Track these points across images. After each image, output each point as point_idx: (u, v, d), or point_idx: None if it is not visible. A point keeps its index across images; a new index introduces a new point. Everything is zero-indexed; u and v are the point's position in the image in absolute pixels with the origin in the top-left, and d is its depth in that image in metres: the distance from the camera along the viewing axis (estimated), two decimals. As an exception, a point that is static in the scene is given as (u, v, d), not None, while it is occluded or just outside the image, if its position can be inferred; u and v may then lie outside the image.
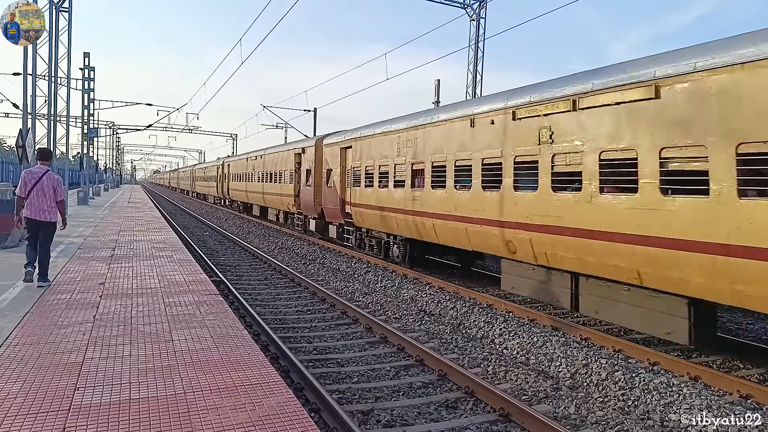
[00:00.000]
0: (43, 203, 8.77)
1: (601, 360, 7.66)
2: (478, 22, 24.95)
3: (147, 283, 9.37)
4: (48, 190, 8.80)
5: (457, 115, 12.45)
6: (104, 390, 4.67)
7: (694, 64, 7.13)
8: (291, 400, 4.62)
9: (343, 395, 6.68)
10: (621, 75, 8.29)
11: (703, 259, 6.90)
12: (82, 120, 37.61)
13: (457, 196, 12.19)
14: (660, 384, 6.82)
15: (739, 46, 6.72)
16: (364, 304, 11.71)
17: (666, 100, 7.49)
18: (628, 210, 7.94)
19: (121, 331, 6.45)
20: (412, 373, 7.68)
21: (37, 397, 4.50)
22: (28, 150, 16.60)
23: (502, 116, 10.75)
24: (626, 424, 5.98)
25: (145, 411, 4.27)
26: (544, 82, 10.43)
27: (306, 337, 9.28)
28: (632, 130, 7.95)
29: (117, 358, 5.51)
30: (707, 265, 6.87)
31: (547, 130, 9.46)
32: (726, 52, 6.82)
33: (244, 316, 10.09)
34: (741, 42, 6.75)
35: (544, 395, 6.86)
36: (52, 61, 21.09)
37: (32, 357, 5.47)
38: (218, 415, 4.23)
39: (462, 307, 10.89)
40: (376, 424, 5.93)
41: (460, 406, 6.51)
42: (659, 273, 7.57)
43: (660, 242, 7.43)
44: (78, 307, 7.52)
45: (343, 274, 15.36)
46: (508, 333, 9.23)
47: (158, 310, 7.47)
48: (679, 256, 7.19)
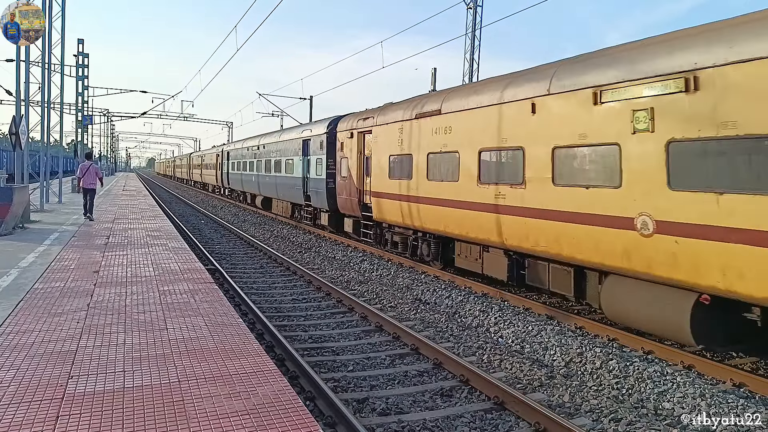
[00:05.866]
0: (90, 179, 17.17)
1: (596, 349, 7.69)
2: (474, 10, 24.80)
3: (141, 271, 9.33)
4: (92, 173, 17.22)
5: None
6: (98, 378, 4.65)
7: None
8: (286, 389, 4.61)
9: (339, 383, 6.69)
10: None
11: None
12: (76, 107, 37.32)
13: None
14: (654, 373, 6.85)
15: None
16: (360, 293, 11.71)
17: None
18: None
19: (115, 319, 6.42)
20: (407, 361, 7.70)
21: (30, 385, 4.48)
22: (21, 137, 16.47)
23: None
24: (620, 413, 6.01)
25: (139, 399, 4.26)
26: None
27: (301, 326, 9.28)
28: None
29: (111, 346, 5.49)
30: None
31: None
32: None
33: (240, 305, 10.08)
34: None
35: (539, 384, 6.88)
36: (45, 47, 20.88)
37: (26, 345, 5.44)
38: (213, 404, 4.22)
39: (457, 296, 10.91)
40: (371, 413, 5.94)
41: (454, 395, 6.53)
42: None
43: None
44: (72, 296, 7.48)
45: (339, 262, 15.35)
46: (503, 322, 9.25)
47: (153, 299, 7.44)
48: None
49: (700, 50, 6.98)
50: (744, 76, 6.41)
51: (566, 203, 8.84)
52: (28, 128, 18.98)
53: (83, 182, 17.22)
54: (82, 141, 38.82)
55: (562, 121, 8.99)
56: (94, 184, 17.31)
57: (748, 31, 6.56)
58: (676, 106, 7.14)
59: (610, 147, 8.07)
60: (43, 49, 20.73)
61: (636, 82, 7.72)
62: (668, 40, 7.69)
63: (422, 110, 13.32)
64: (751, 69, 6.34)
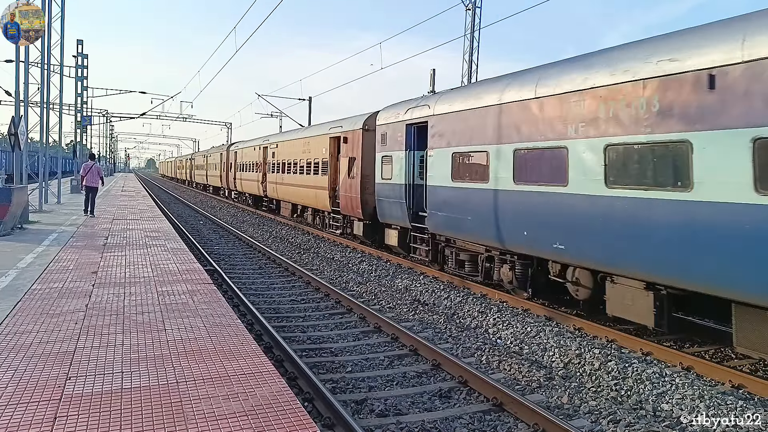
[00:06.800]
0: (92, 178, 18.62)
1: (594, 350, 7.69)
2: (473, 12, 24.81)
3: (140, 272, 9.32)
4: (94, 172, 18.71)
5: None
6: (96, 379, 4.64)
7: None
8: (284, 390, 4.60)
9: (337, 385, 6.68)
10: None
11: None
12: (76, 108, 37.31)
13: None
14: (653, 374, 6.85)
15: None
16: (358, 294, 11.71)
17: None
18: None
19: (113, 320, 6.41)
20: (405, 362, 7.69)
21: (28, 386, 4.47)
22: (20, 137, 16.46)
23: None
24: (619, 414, 6.01)
25: (137, 400, 4.25)
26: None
27: (300, 327, 9.28)
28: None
29: (109, 347, 5.48)
30: None
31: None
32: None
33: (238, 306, 10.07)
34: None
35: (538, 385, 6.88)
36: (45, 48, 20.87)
37: (23, 346, 5.43)
38: (211, 405, 4.21)
39: (456, 297, 10.90)
40: (369, 414, 5.93)
41: (453, 396, 6.52)
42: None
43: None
44: (70, 296, 7.47)
45: (338, 263, 15.34)
46: (501, 323, 9.25)
47: (151, 300, 7.43)
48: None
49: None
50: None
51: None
52: (27, 129, 18.99)
53: (86, 180, 18.65)
54: (81, 142, 38.81)
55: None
56: (96, 183, 18.88)
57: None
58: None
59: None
60: (43, 50, 20.73)
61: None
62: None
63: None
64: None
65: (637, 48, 8.14)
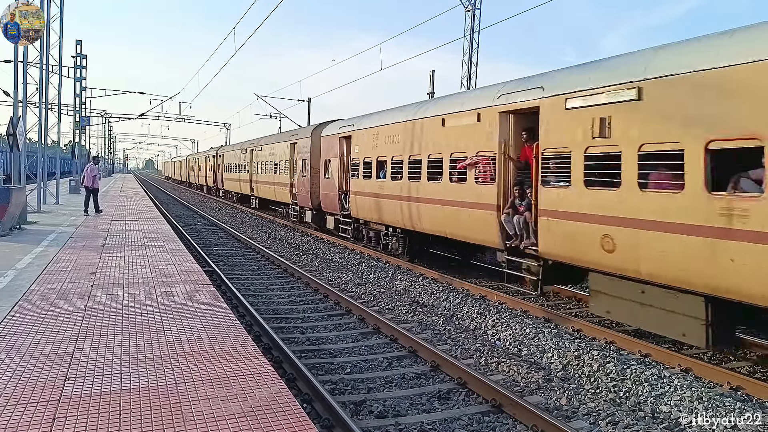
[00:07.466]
0: (87, 179, 19.69)
1: (593, 351, 7.69)
2: (473, 13, 24.84)
3: (139, 273, 9.32)
4: (94, 173, 19.77)
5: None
6: (95, 380, 4.64)
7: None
8: (283, 391, 4.60)
9: (336, 386, 6.68)
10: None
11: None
12: (74, 108, 37.30)
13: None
14: (651, 375, 6.85)
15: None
16: (357, 295, 11.70)
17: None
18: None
19: (112, 321, 6.41)
20: (404, 364, 7.69)
21: (26, 387, 4.47)
22: (19, 138, 16.45)
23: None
24: (617, 416, 6.01)
25: (135, 401, 4.25)
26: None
27: (299, 328, 9.27)
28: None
29: (108, 348, 5.48)
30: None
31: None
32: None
33: (237, 307, 10.06)
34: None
35: (536, 386, 6.87)
36: (43, 48, 20.87)
37: (22, 347, 5.43)
38: (209, 406, 4.21)
39: (455, 299, 10.90)
40: (368, 415, 5.93)
41: (452, 397, 6.52)
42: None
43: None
44: (69, 297, 7.47)
45: (337, 264, 15.34)
46: (500, 324, 9.25)
47: (150, 300, 7.43)
48: None
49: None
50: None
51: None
52: (26, 129, 18.98)
53: (86, 181, 19.93)
54: (79, 142, 38.78)
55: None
56: (90, 183, 19.96)
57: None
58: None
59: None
60: (41, 50, 20.73)
61: None
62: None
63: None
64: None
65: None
